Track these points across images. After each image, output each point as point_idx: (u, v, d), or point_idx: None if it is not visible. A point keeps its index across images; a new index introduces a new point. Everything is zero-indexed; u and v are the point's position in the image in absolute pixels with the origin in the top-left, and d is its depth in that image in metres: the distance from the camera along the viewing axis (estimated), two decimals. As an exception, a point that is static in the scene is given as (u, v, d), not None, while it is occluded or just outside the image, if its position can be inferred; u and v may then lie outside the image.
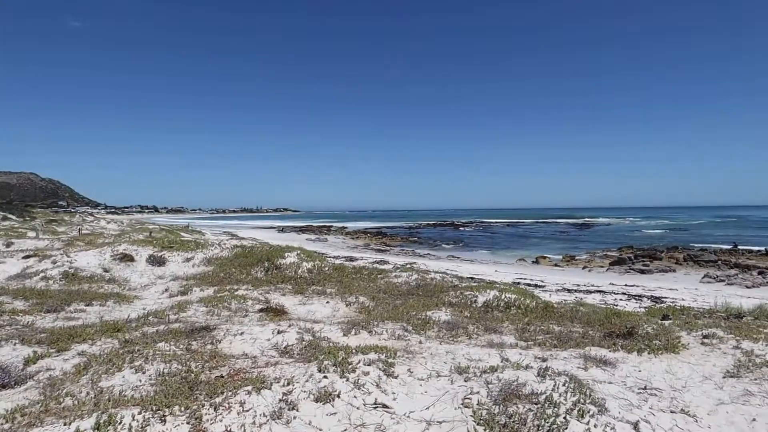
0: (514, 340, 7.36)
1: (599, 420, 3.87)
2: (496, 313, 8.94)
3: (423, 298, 9.92)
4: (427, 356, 5.91)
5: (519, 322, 8.31)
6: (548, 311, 9.08)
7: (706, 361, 6.24)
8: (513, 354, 6.06)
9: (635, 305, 16.22)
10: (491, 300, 9.46)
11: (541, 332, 7.74)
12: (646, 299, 18.74)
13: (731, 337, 7.29)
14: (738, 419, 4.41)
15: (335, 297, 9.94)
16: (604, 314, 8.68)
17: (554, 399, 4.12)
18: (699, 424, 4.26)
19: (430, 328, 7.66)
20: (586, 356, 6.14)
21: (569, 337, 7.39)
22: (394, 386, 4.70)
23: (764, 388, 5.09)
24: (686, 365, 6.08)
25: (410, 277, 12.09)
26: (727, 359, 6.23)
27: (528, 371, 4.92)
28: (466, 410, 4.16)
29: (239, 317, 8.16)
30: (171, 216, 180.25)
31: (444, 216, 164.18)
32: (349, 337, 6.88)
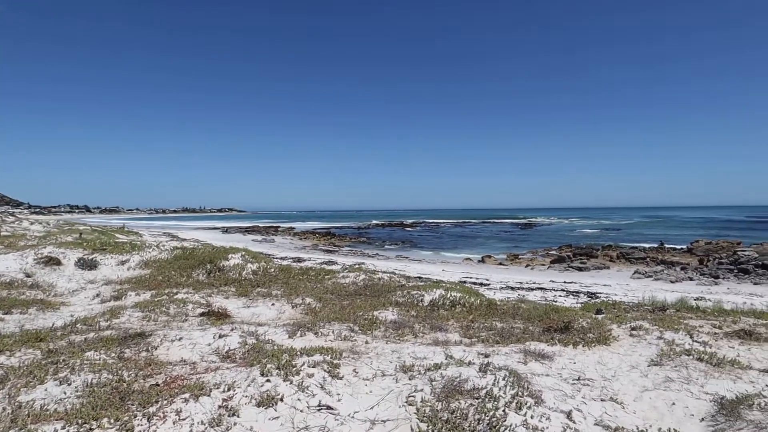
0: (459, 337, 7.52)
1: (535, 411, 4.03)
2: (442, 311, 9.10)
3: (370, 298, 9.94)
4: (373, 356, 5.91)
5: (464, 319, 8.51)
6: (492, 309, 9.36)
7: (633, 352, 6.66)
8: (457, 351, 6.20)
9: (573, 301, 17.07)
10: (437, 299, 9.63)
11: (484, 329, 7.95)
12: (582, 295, 19.78)
13: (656, 328, 7.83)
14: (660, 404, 4.73)
15: (281, 299, 9.75)
16: (543, 310, 9.06)
17: (494, 393, 4.24)
18: (625, 410, 4.53)
19: (377, 327, 7.68)
20: (526, 351, 6.38)
21: (511, 333, 7.65)
22: (339, 387, 4.67)
23: (683, 375, 5.49)
24: (616, 356, 6.46)
25: (358, 277, 12.07)
26: (652, 349, 6.68)
27: (470, 367, 5.04)
28: (410, 408, 4.20)
29: (178, 322, 7.81)
30: (105, 216, 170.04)
31: (393, 216, 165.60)
32: (295, 339, 6.76)
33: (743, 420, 4.01)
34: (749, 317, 9.34)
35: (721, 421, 4.15)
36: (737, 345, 7.11)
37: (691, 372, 5.55)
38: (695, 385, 5.14)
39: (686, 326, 8.10)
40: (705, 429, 4.17)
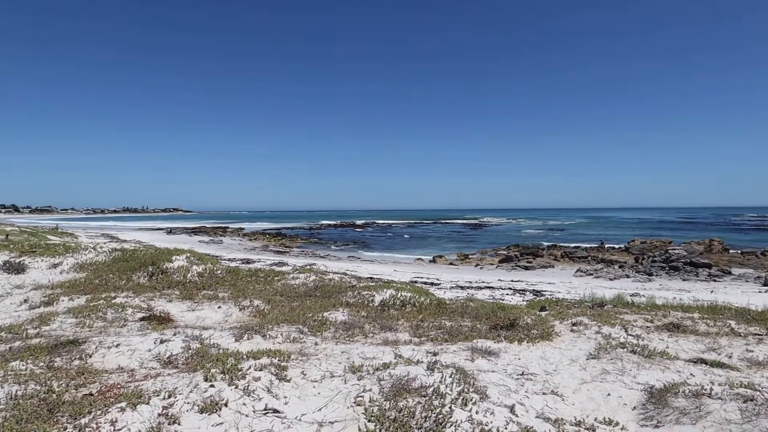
0: (409, 336, 7.58)
1: (480, 406, 4.12)
2: (392, 311, 9.15)
3: (321, 299, 9.84)
4: (322, 357, 5.85)
5: (414, 319, 8.59)
6: (441, 308, 9.51)
7: (574, 346, 6.97)
8: (406, 350, 6.24)
9: (519, 299, 17.66)
10: (388, 299, 9.67)
11: (434, 328, 8.07)
12: (529, 293, 20.51)
13: (594, 323, 8.24)
14: (596, 395, 4.98)
15: (228, 301, 9.45)
16: (490, 308, 9.30)
17: (441, 390, 4.30)
18: (565, 402, 4.73)
19: (327, 329, 7.61)
20: (474, 348, 6.52)
21: (459, 332, 7.80)
22: (286, 390, 4.58)
23: (618, 367, 5.80)
24: (558, 351, 6.73)
25: (308, 278, 11.92)
26: (591, 343, 7.02)
27: (419, 366, 5.08)
28: (358, 408, 4.18)
29: (116, 327, 7.40)
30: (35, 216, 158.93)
31: (344, 217, 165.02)
32: (242, 343, 6.57)
33: (670, 407, 4.28)
34: (678, 311, 10.02)
35: (651, 408, 4.42)
36: (666, 337, 7.61)
37: (625, 364, 5.87)
38: (628, 376, 5.44)
39: (622, 321, 8.58)
40: (636, 416, 4.42)
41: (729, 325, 8.53)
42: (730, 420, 3.82)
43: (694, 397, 4.32)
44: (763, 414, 3.70)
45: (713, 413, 3.97)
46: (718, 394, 4.26)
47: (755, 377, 5.37)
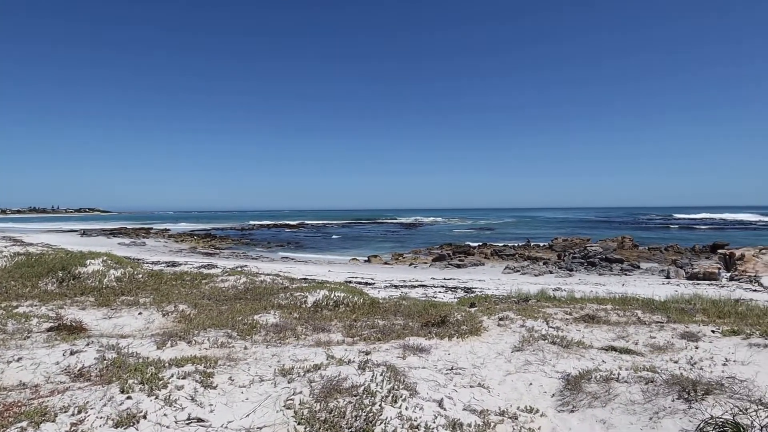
0: (342, 337, 7.55)
1: (410, 402, 4.19)
2: (325, 312, 9.07)
3: (251, 301, 9.54)
4: (251, 361, 5.67)
5: (347, 319, 8.57)
6: (374, 307, 9.56)
7: (500, 340, 7.28)
8: (339, 350, 6.21)
9: (451, 296, 18.18)
10: (321, 300, 9.58)
11: (367, 327, 8.10)
12: (460, 290, 21.18)
13: (519, 317, 8.66)
14: (520, 385, 5.24)
15: (150, 307, 8.90)
16: (422, 306, 9.50)
17: (372, 389, 4.32)
18: (491, 394, 4.93)
19: (258, 332, 7.39)
20: (405, 346, 6.62)
21: (392, 330, 7.89)
22: (212, 397, 4.39)
23: (539, 357, 6.14)
24: (485, 345, 7.00)
25: (239, 280, 11.52)
26: (516, 336, 7.37)
27: (350, 366, 5.08)
28: (288, 411, 4.10)
29: (18, 340, 6.71)
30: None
31: (278, 217, 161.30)
32: (164, 350, 6.22)
33: (583, 392, 4.60)
34: (593, 303, 10.79)
35: (567, 395, 4.72)
36: (583, 328, 8.17)
37: (546, 354, 6.23)
38: (549, 366, 5.78)
39: (544, 314, 9.09)
40: (555, 403, 4.71)
41: (636, 314, 9.31)
42: (634, 401, 4.17)
43: (605, 382, 4.67)
44: (661, 394, 4.08)
45: (620, 395, 4.31)
46: (625, 378, 4.65)
47: (656, 361, 5.91)
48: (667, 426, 3.66)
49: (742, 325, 7.83)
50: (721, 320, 8.84)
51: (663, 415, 3.79)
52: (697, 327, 7.86)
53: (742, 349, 6.49)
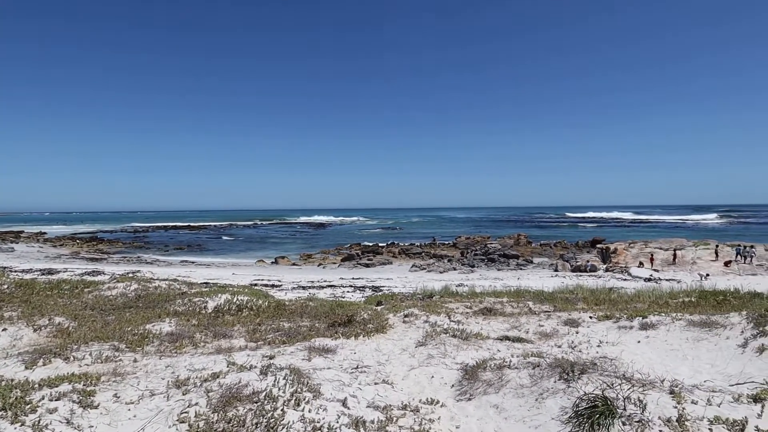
0: (245, 342, 7.26)
1: (313, 404, 4.13)
2: (227, 317, 8.65)
3: (144, 309, 8.79)
4: (141, 375, 5.23)
5: (251, 323, 8.25)
6: (280, 309, 9.32)
7: (405, 336, 7.47)
8: (241, 356, 5.95)
9: (359, 295, 18.35)
10: (223, 304, 9.12)
11: (272, 331, 7.86)
12: (368, 289, 21.45)
13: (423, 313, 8.95)
14: (422, 379, 5.41)
15: (18, 321, 7.80)
16: (329, 307, 9.44)
17: (274, 394, 4.19)
18: (395, 389, 5.03)
19: (150, 342, 6.83)
20: (311, 347, 6.52)
21: (298, 332, 7.74)
22: (92, 418, 3.97)
23: (441, 351, 6.39)
24: (391, 342, 7.14)
25: (129, 287, 10.56)
26: (420, 332, 7.61)
27: (252, 371, 4.88)
28: (182, 426, 3.83)
29: None
30: None
31: (177, 218, 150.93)
32: (35, 370, 5.49)
33: (479, 380, 4.87)
34: (491, 297, 11.50)
35: (465, 384, 4.97)
36: (481, 320, 8.66)
37: (447, 347, 6.50)
38: (449, 358, 6.04)
39: (447, 309, 9.49)
40: (454, 393, 4.93)
41: (528, 305, 10.09)
42: (523, 385, 4.50)
43: (498, 369, 4.99)
44: (546, 376, 4.45)
45: (511, 381, 4.64)
46: (515, 365, 5.01)
47: (543, 347, 6.45)
48: (549, 405, 4.01)
49: (613, 311, 8.83)
50: (598, 307, 9.89)
51: (546, 396, 4.14)
52: (578, 314, 8.70)
53: (612, 332, 7.32)
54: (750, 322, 6.53)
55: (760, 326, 6.16)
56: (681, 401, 3.63)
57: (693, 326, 7.06)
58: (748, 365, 5.28)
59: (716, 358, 5.80)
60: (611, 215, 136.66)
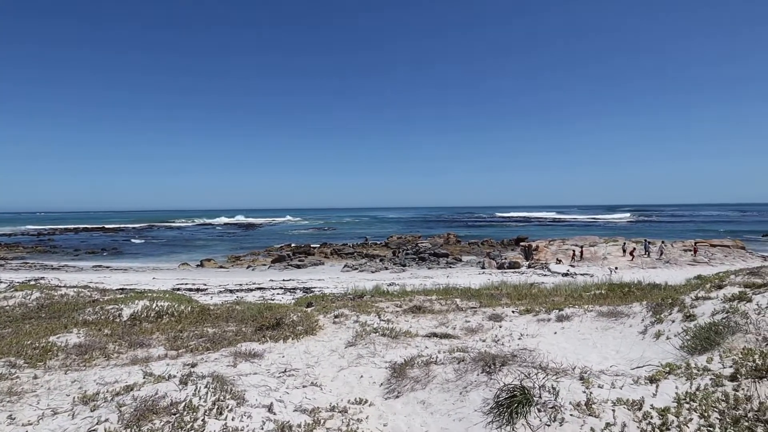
0: (164, 350, 6.84)
1: (237, 412, 3.97)
2: (145, 324, 8.11)
3: (47, 320, 8.00)
4: (42, 392, 4.76)
5: (171, 330, 7.80)
6: (204, 315, 8.89)
7: (335, 337, 7.42)
8: (159, 366, 5.61)
9: (290, 297, 17.98)
10: (140, 311, 8.53)
11: (194, 337, 7.48)
12: (299, 291, 21.08)
13: (354, 313, 8.94)
14: (352, 379, 5.39)
15: None
16: (257, 310, 9.16)
17: (194, 404, 3.98)
18: (323, 391, 4.98)
19: (54, 356, 6.23)
20: (237, 353, 6.29)
21: (223, 337, 7.43)
22: (-20, 445, 3.54)
23: (371, 350, 6.41)
24: (320, 343, 7.06)
25: (29, 296, 9.57)
26: (350, 332, 7.58)
27: (170, 381, 4.60)
28: (89, 445, 3.53)
29: None
30: None
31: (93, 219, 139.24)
32: None
33: (407, 378, 4.94)
34: (421, 295, 11.75)
35: (394, 382, 5.02)
36: (411, 318, 8.81)
37: (376, 347, 6.54)
38: (378, 357, 6.07)
39: (377, 308, 9.55)
40: (383, 392, 4.96)
41: (455, 302, 10.42)
42: (448, 380, 4.63)
43: (425, 366, 5.09)
44: (470, 370, 4.61)
45: (438, 376, 4.75)
46: (441, 360, 5.14)
47: (469, 342, 6.69)
48: (473, 398, 4.15)
49: (534, 305, 9.36)
50: (520, 302, 10.43)
51: (470, 389, 4.29)
52: (502, 309, 9.12)
53: (532, 325, 7.75)
54: (649, 311, 7.20)
55: (656, 314, 6.80)
56: (589, 386, 3.91)
57: (602, 317, 7.65)
58: (647, 350, 5.80)
59: (621, 345, 6.32)
60: (535, 215, 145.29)
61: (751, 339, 4.67)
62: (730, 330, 4.96)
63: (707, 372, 3.95)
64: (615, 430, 3.32)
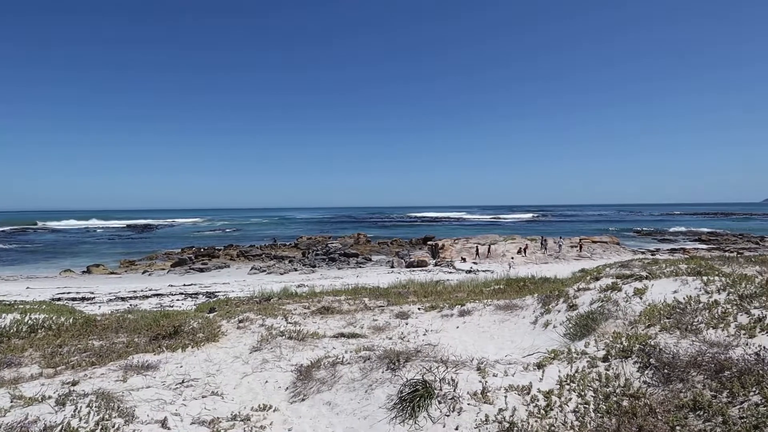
0: (39, 369, 6.09)
1: (124, 431, 3.65)
2: (15, 341, 7.14)
3: None
4: None
5: (48, 345, 6.96)
6: (89, 326, 8.05)
7: (239, 343, 7.11)
8: (31, 387, 4.96)
9: (191, 303, 16.95)
10: (8, 326, 7.50)
11: (77, 352, 6.75)
12: (202, 296, 19.96)
13: (260, 317, 8.65)
14: (256, 385, 5.21)
15: None
16: (152, 318, 8.49)
17: (73, 426, 3.59)
18: (224, 400, 4.75)
19: None
20: (128, 366, 5.77)
21: (112, 350, 6.79)
22: None
23: (276, 354, 6.25)
24: (223, 350, 6.73)
25: None
26: (255, 337, 7.32)
27: (44, 403, 4.10)
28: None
29: None
30: None
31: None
32: None
33: (313, 380, 4.89)
34: (330, 296, 11.70)
35: (300, 385, 4.94)
36: (319, 320, 8.73)
37: (283, 350, 6.38)
38: (285, 361, 5.94)
39: (284, 311, 9.33)
40: (288, 396, 4.86)
41: (364, 302, 10.53)
42: (354, 379, 4.66)
43: (332, 366, 5.08)
44: (375, 368, 4.68)
45: (344, 376, 4.76)
46: (348, 360, 5.16)
47: (376, 340, 6.80)
48: (377, 395, 4.22)
49: (438, 301, 9.76)
50: (426, 299, 10.81)
51: (375, 386, 4.35)
52: (409, 307, 9.39)
53: (437, 320, 8.08)
54: (540, 303, 7.85)
55: (546, 306, 7.44)
56: (485, 376, 4.16)
57: (499, 310, 8.19)
58: (537, 338, 6.32)
59: (515, 335, 6.82)
60: (443, 215, 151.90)
61: (620, 324, 5.29)
62: (604, 317, 5.58)
63: (585, 355, 4.40)
64: (506, 414, 3.56)
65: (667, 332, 4.51)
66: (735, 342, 3.99)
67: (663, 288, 6.26)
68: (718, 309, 4.80)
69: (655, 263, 9.08)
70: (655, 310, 5.25)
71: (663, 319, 4.89)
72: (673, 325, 4.62)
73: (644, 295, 6.17)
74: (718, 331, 4.31)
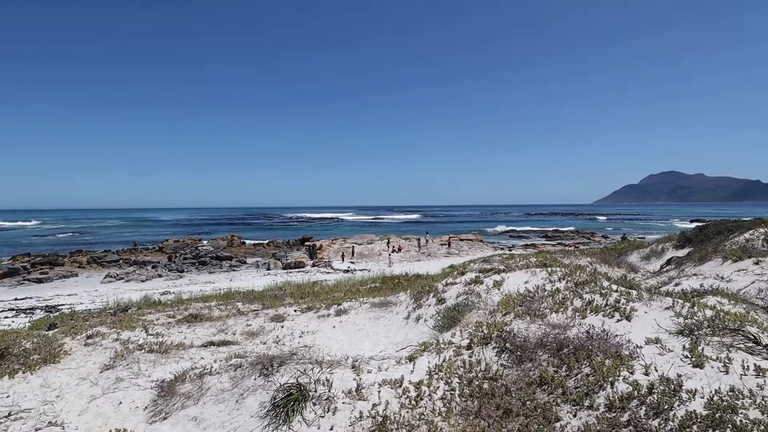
0: None
1: None
2: None
3: None
4: None
5: None
6: None
7: (87, 362, 6.23)
8: None
9: (25, 320, 14.52)
10: None
11: None
12: (40, 311, 17.24)
13: (113, 331, 7.68)
14: (107, 408, 4.60)
15: None
16: (-31, 340, 7.03)
17: None
18: (65, 429, 4.11)
19: None
20: (-70, 402, 4.69)
21: None
22: None
23: (134, 370, 5.59)
24: (65, 372, 5.83)
25: None
26: (107, 353, 6.47)
27: None
28: None
29: None
30: None
31: None
32: None
33: (177, 395, 4.47)
34: (199, 302, 10.89)
35: (161, 402, 4.48)
36: (185, 329, 8.05)
37: (141, 366, 5.74)
38: (143, 377, 5.34)
39: (144, 322, 8.43)
40: (147, 416, 4.38)
41: (237, 307, 10.00)
42: (224, 389, 4.36)
43: (199, 378, 4.70)
44: (247, 375, 4.44)
45: (212, 388, 4.43)
46: (217, 370, 4.82)
47: (249, 346, 6.47)
48: (249, 403, 4.01)
49: (315, 302, 9.66)
50: (303, 300, 10.64)
51: (247, 395, 4.12)
52: (285, 309, 9.14)
53: (313, 321, 7.98)
54: (412, 298, 8.20)
55: (417, 301, 7.80)
56: (360, 373, 4.20)
57: (375, 307, 8.38)
58: (409, 333, 6.59)
59: (389, 331, 7.03)
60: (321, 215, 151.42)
61: (482, 314, 5.76)
62: (468, 308, 6.03)
63: (451, 345, 4.69)
64: (380, 408, 3.63)
65: (519, 318, 5.02)
66: (571, 323, 4.59)
67: (517, 279, 6.97)
68: (559, 295, 5.49)
69: (512, 258, 10.10)
70: (510, 300, 5.82)
71: (516, 307, 5.44)
72: (525, 312, 5.15)
73: (502, 287, 6.81)
74: (559, 315, 4.91)
